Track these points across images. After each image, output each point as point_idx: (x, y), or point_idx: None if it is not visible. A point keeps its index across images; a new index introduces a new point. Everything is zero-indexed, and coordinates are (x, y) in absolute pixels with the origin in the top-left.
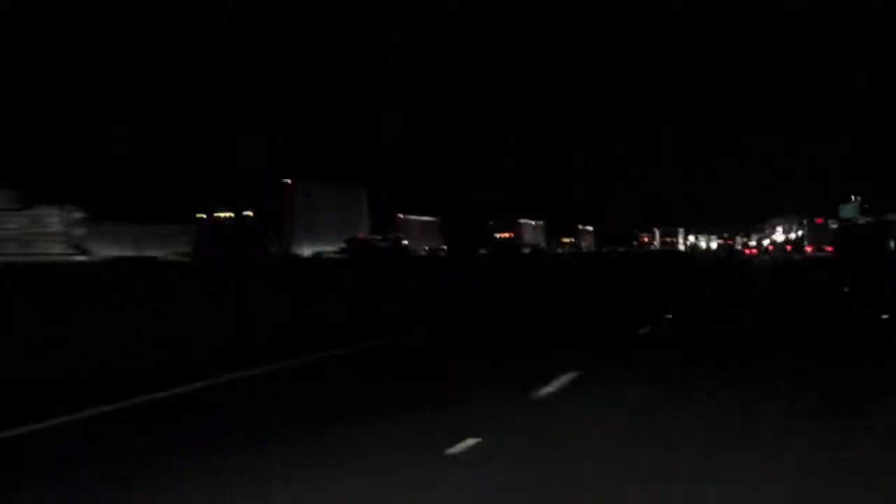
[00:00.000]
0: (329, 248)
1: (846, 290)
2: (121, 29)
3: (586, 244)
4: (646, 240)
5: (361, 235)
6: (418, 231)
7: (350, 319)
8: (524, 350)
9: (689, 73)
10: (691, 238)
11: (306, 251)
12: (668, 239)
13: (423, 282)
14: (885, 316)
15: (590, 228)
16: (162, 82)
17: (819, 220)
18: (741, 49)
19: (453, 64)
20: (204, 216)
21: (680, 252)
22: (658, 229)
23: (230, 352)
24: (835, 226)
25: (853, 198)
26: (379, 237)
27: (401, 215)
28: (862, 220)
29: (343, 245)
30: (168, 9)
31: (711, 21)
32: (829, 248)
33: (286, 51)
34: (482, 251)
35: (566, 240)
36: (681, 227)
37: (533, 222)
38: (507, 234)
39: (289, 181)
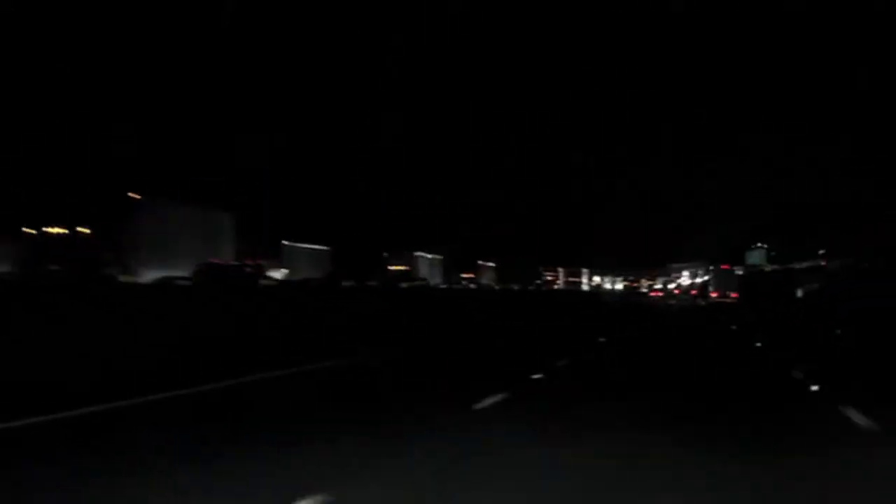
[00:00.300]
0: (180, 274)
1: (758, 344)
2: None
3: (487, 280)
4: (550, 278)
5: (215, 260)
6: (306, 260)
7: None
8: (287, 434)
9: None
10: (596, 279)
11: (151, 275)
12: (572, 279)
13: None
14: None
15: (491, 265)
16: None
17: (725, 267)
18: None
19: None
20: (33, 231)
21: (584, 292)
22: (562, 269)
23: None
24: (740, 272)
25: (759, 244)
26: (236, 263)
27: (285, 242)
28: (767, 268)
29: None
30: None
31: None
32: (734, 295)
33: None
34: (372, 283)
35: (466, 275)
36: (585, 267)
37: (429, 256)
38: (401, 267)
39: (134, 196)
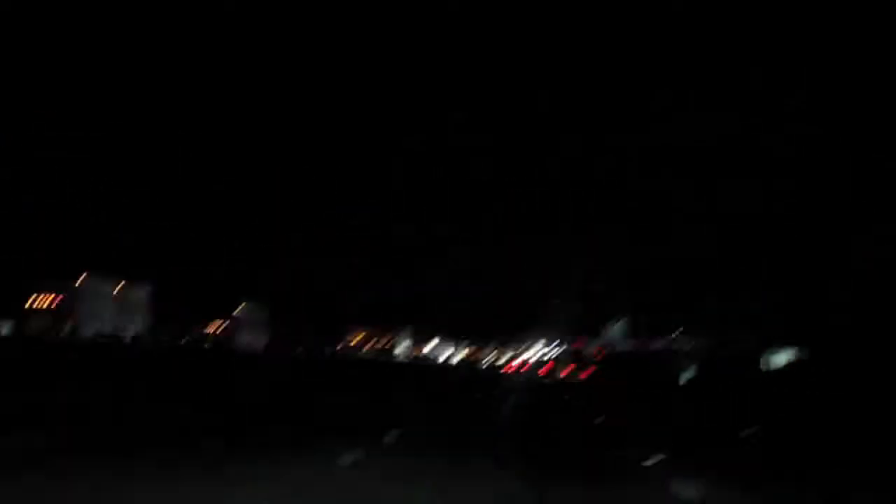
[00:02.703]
0: None
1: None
2: None
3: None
4: (352, 343)
5: None
6: None
7: None
8: None
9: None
10: (432, 344)
11: None
12: (381, 345)
13: None
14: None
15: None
16: None
17: (577, 345)
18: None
19: None
20: None
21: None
22: (365, 330)
23: None
24: (594, 349)
25: (619, 320)
26: None
27: None
28: (624, 347)
29: None
30: None
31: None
32: (583, 375)
33: None
34: None
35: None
36: (406, 326)
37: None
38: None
39: None
